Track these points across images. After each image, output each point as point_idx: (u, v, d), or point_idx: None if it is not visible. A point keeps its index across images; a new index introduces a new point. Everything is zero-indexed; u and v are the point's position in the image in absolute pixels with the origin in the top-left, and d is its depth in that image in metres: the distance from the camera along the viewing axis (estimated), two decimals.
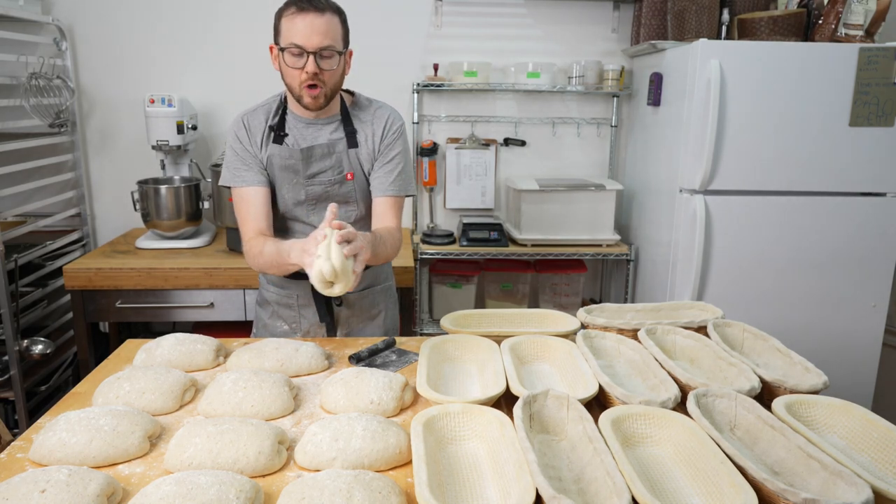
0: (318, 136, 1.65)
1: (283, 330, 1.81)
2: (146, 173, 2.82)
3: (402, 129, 1.70)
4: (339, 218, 1.66)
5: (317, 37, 1.48)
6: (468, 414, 1.16)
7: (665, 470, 1.07)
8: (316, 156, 1.63)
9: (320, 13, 1.48)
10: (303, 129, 1.65)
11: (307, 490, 0.93)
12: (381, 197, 1.67)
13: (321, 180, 1.65)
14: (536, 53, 3.01)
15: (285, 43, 1.50)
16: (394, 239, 1.63)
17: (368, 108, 1.69)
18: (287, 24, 1.49)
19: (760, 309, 2.53)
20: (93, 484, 0.94)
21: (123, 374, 1.29)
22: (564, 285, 2.98)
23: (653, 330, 1.51)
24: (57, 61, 2.79)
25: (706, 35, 2.48)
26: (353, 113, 1.68)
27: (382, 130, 1.67)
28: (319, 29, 1.48)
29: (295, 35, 1.48)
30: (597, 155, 3.15)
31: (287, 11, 1.50)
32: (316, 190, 1.66)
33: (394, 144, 1.67)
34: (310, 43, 1.48)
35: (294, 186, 1.66)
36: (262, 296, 1.85)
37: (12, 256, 2.43)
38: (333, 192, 1.66)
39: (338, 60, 1.54)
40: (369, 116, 1.68)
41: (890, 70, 2.34)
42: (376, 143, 1.66)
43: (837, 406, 1.19)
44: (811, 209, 2.47)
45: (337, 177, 1.65)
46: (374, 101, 1.72)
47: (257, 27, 2.92)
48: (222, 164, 1.69)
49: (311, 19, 1.47)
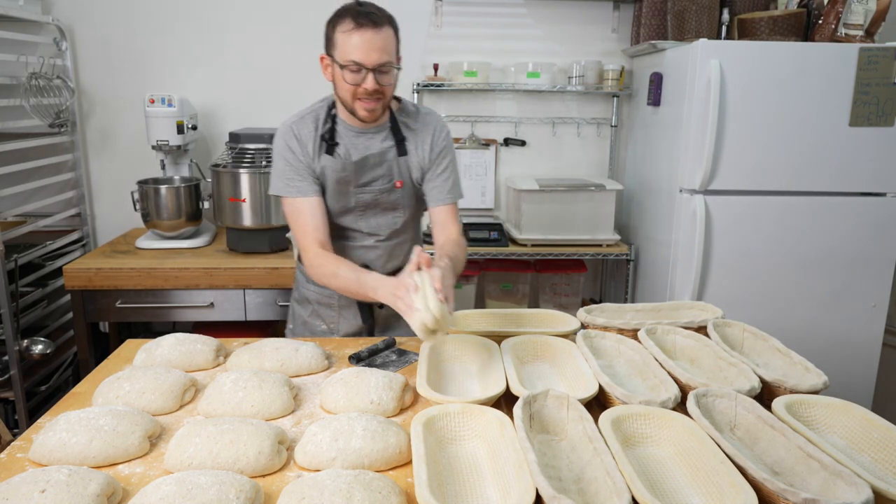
0: (369, 145, 1.64)
1: (322, 329, 1.82)
2: (146, 173, 2.81)
3: (450, 135, 1.72)
4: (387, 225, 1.71)
5: (375, 53, 1.46)
6: (468, 414, 1.16)
7: (665, 470, 1.07)
8: (369, 166, 1.64)
9: (378, 28, 1.46)
10: (353, 139, 1.64)
11: (307, 490, 0.93)
12: (441, 206, 1.68)
13: (371, 189, 1.66)
14: (536, 53, 3.01)
15: (343, 59, 1.48)
16: (463, 253, 1.63)
17: (416, 116, 1.69)
18: (343, 38, 1.47)
19: (760, 309, 2.53)
20: (93, 484, 0.94)
21: (123, 374, 1.29)
22: (564, 285, 2.98)
23: (653, 330, 1.51)
24: (57, 61, 2.79)
25: (706, 35, 2.49)
26: (400, 120, 1.67)
27: (432, 140, 1.67)
28: (377, 45, 1.46)
29: (353, 52, 1.46)
30: (597, 155, 3.15)
31: (343, 25, 1.48)
32: (365, 198, 1.67)
33: (445, 153, 1.69)
34: (369, 60, 1.47)
35: (344, 195, 1.66)
36: (302, 293, 1.85)
37: (12, 256, 2.43)
38: (382, 200, 1.68)
39: (395, 74, 1.54)
40: (418, 124, 1.68)
41: (890, 70, 2.34)
42: (426, 152, 1.67)
43: (837, 406, 1.19)
44: (811, 209, 2.47)
45: (387, 185, 1.66)
46: (419, 107, 1.73)
47: (257, 27, 2.92)
48: (271, 172, 1.67)
49: (369, 35, 1.45)
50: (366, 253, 1.73)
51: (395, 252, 1.76)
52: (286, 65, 2.95)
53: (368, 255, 1.74)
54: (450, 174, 1.69)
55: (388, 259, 1.76)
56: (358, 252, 1.73)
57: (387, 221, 1.71)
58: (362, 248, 1.73)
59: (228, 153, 2.55)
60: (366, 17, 1.46)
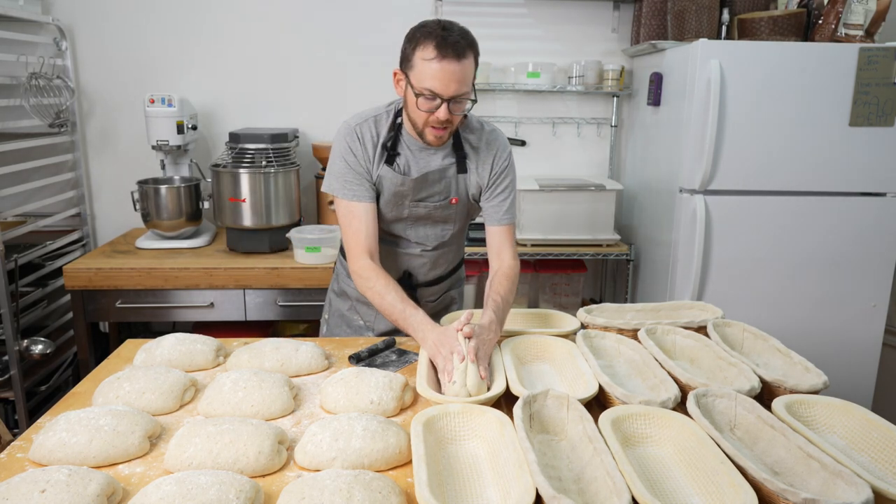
0: (430, 161, 1.62)
1: (359, 325, 1.82)
2: (146, 173, 2.81)
3: (511, 156, 1.69)
4: (436, 237, 1.71)
5: (454, 85, 1.43)
6: (468, 414, 1.16)
7: (665, 470, 1.07)
8: (428, 183, 1.62)
9: (459, 60, 1.42)
10: (416, 152, 1.62)
11: (307, 490, 0.93)
12: (497, 227, 1.66)
13: (427, 204, 1.65)
14: (536, 53, 3.01)
15: (419, 85, 1.45)
16: (513, 284, 1.61)
17: (480, 133, 1.66)
18: (423, 64, 1.43)
19: (760, 309, 2.53)
20: (93, 484, 0.94)
21: (123, 374, 1.29)
22: (564, 285, 2.98)
23: (653, 330, 1.51)
24: (57, 61, 2.79)
25: (706, 35, 2.48)
26: (463, 136, 1.65)
27: (493, 160, 1.65)
28: (457, 77, 1.43)
29: (431, 81, 1.43)
30: (597, 155, 3.15)
31: (425, 50, 1.42)
32: (420, 211, 1.66)
33: (505, 173, 1.66)
34: (447, 91, 1.44)
35: (399, 206, 1.65)
36: (342, 287, 1.85)
37: (12, 256, 2.43)
38: (436, 214, 1.67)
39: (469, 105, 1.51)
40: (480, 143, 1.65)
41: (890, 70, 2.33)
42: (487, 172, 1.65)
43: (837, 406, 1.19)
44: (811, 209, 2.47)
45: (443, 202, 1.65)
46: (484, 123, 1.69)
47: (258, 27, 2.92)
48: (327, 170, 1.65)
49: (451, 68, 1.41)
50: (410, 260, 1.73)
51: (439, 261, 1.76)
52: (286, 65, 2.95)
53: (413, 262, 1.73)
54: (508, 195, 1.66)
55: (432, 268, 1.76)
56: (403, 259, 1.73)
57: (436, 233, 1.71)
58: (407, 255, 1.73)
59: (228, 153, 2.55)
60: (451, 47, 1.41)
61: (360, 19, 2.92)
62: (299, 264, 2.45)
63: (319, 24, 2.92)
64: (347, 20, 2.89)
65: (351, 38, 2.92)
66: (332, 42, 2.94)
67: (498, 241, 1.67)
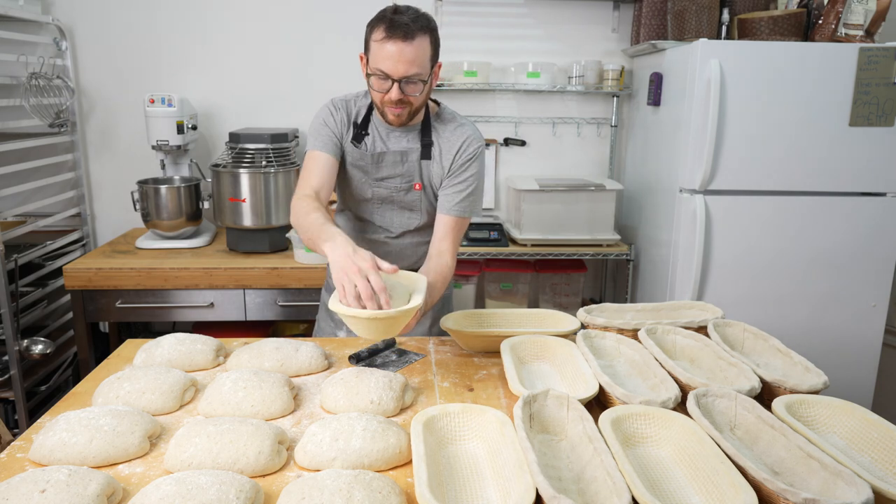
0: (395, 144, 1.66)
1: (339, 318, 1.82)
2: (146, 173, 2.81)
3: (479, 151, 1.67)
4: (400, 224, 1.72)
5: (402, 66, 1.45)
6: (468, 414, 1.16)
7: (665, 470, 1.07)
8: (386, 162, 1.65)
9: (408, 40, 1.44)
10: (383, 133, 1.66)
11: (307, 490, 0.93)
12: (445, 216, 1.65)
13: (388, 185, 1.67)
14: (536, 53, 3.01)
15: (371, 66, 1.49)
16: (444, 286, 1.60)
17: (450, 124, 1.68)
18: (375, 46, 1.47)
19: (760, 309, 2.53)
20: (93, 484, 0.94)
21: (123, 373, 1.29)
22: (564, 285, 2.98)
23: (653, 330, 1.51)
24: (57, 61, 2.79)
25: (706, 35, 2.49)
26: (434, 125, 1.67)
27: (457, 150, 1.65)
28: (406, 58, 1.45)
29: (381, 61, 1.46)
30: (597, 155, 3.15)
31: (377, 32, 1.47)
32: (382, 192, 1.68)
33: (467, 166, 1.65)
34: (395, 72, 1.46)
35: (362, 184, 1.68)
36: (330, 284, 1.85)
37: (12, 256, 2.43)
38: (399, 198, 1.69)
39: (423, 86, 1.52)
40: (448, 133, 1.66)
41: (890, 70, 2.33)
42: (448, 161, 1.65)
43: (837, 406, 1.19)
44: (811, 209, 2.47)
45: (405, 185, 1.67)
46: (458, 117, 1.71)
47: (257, 27, 2.92)
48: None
49: (399, 48, 1.44)
50: (376, 248, 1.73)
51: (404, 252, 1.77)
52: (286, 65, 2.95)
53: (378, 250, 1.73)
54: (466, 187, 1.64)
55: (397, 258, 1.75)
56: (368, 245, 1.73)
57: (401, 220, 1.72)
58: (373, 241, 1.75)
59: (228, 153, 2.55)
60: (399, 28, 1.43)
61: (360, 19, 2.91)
62: (299, 264, 2.45)
63: (320, 24, 2.92)
64: (347, 20, 2.89)
65: (351, 38, 2.92)
66: (333, 42, 2.94)
67: (441, 231, 1.64)
